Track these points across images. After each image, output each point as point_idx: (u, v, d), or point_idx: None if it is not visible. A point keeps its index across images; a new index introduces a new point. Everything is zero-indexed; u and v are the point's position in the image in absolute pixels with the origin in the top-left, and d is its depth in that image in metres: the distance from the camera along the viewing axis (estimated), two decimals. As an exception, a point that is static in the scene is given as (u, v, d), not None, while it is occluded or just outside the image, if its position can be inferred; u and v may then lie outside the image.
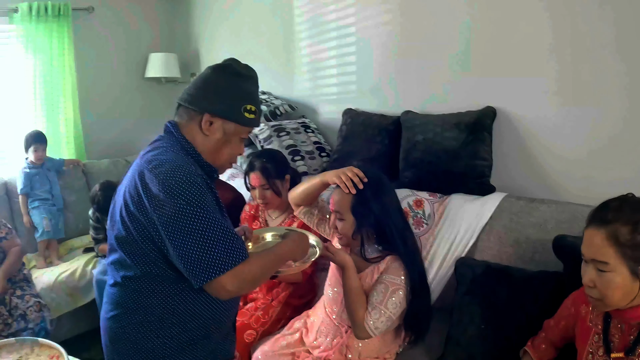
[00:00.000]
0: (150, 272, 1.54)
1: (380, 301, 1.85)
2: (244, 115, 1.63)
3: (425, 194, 2.63)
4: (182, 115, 1.67)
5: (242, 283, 1.49)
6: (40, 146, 3.84)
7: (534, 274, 1.98)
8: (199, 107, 1.62)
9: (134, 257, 1.55)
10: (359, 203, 1.90)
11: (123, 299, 1.61)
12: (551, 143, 2.47)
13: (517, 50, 2.52)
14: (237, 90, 1.64)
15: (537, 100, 2.48)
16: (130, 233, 1.53)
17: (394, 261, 1.92)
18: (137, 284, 1.57)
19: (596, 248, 1.37)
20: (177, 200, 1.44)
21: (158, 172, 1.48)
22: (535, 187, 2.53)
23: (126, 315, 1.60)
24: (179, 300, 1.57)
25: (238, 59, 1.72)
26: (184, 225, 1.43)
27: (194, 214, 1.44)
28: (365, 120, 3.11)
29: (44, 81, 4.24)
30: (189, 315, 1.59)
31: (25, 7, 4.06)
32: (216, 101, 1.62)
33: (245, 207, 2.95)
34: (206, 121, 1.61)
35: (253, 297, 2.75)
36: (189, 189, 1.45)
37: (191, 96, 1.65)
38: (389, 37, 3.13)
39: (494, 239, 2.32)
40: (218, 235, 1.45)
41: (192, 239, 1.43)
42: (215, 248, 1.44)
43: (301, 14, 3.71)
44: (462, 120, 2.59)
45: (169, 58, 4.80)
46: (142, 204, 1.49)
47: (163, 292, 1.56)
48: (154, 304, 1.56)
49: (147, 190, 1.48)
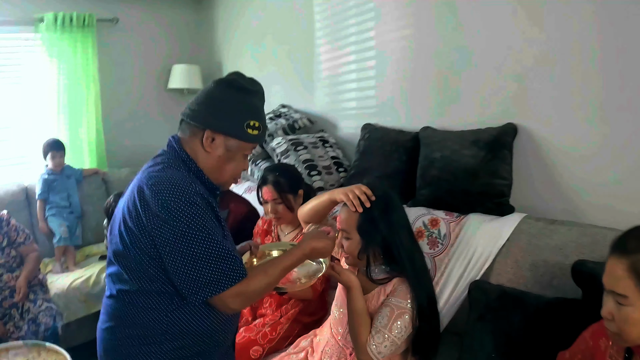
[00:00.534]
0: (146, 288, 1.53)
1: (384, 325, 1.77)
2: (247, 132, 1.60)
3: (441, 213, 2.55)
4: (185, 131, 1.64)
5: (245, 300, 1.53)
6: (57, 153, 3.90)
7: (551, 301, 1.88)
8: (201, 122, 1.60)
9: (131, 272, 1.54)
10: (366, 222, 1.83)
11: (118, 311, 1.59)
12: (574, 162, 2.36)
13: (539, 64, 2.42)
14: (240, 105, 1.61)
15: (561, 118, 2.38)
16: (128, 248, 1.51)
17: (401, 283, 1.84)
18: (133, 298, 1.55)
19: (616, 279, 1.27)
20: (175, 220, 1.43)
21: (157, 190, 1.47)
22: (557, 208, 2.41)
23: (121, 328, 1.58)
24: (176, 317, 1.54)
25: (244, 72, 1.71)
26: (181, 245, 1.43)
27: (191, 234, 1.44)
28: (383, 135, 3.04)
29: (68, 90, 4.31)
30: (185, 331, 1.56)
31: (50, 17, 4.14)
32: (218, 117, 1.59)
33: (258, 222, 2.91)
34: (207, 137, 1.59)
35: (262, 313, 2.71)
36: (187, 209, 1.44)
37: (193, 111, 1.62)
38: (408, 51, 3.06)
39: (511, 262, 2.21)
40: (215, 255, 1.45)
41: (189, 258, 1.43)
42: (211, 268, 1.44)
43: (322, 27, 3.69)
44: (481, 137, 2.50)
45: (192, 70, 4.83)
46: (140, 220, 1.48)
47: (159, 308, 1.53)
48: (150, 319, 1.54)
49: (145, 208, 1.47)
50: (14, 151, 4.33)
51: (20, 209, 3.92)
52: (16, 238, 3.15)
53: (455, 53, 2.78)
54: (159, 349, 1.54)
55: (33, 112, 4.30)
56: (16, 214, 3.76)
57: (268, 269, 1.60)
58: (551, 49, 2.37)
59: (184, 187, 1.47)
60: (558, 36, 2.34)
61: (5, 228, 3.09)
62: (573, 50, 2.29)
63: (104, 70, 4.54)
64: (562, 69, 2.34)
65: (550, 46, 2.37)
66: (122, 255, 1.54)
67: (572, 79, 2.31)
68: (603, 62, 2.20)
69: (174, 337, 1.55)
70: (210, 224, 1.48)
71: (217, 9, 4.88)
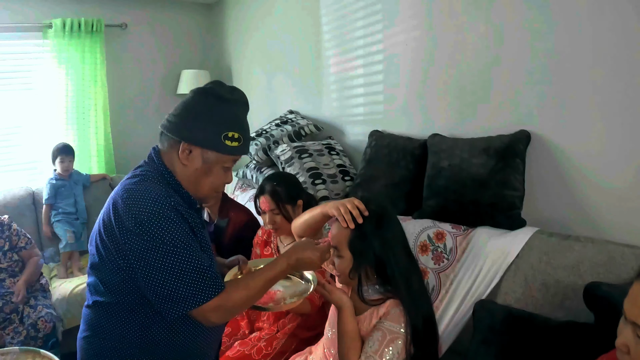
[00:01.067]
0: (121, 301, 1.50)
1: (375, 350, 1.63)
2: (225, 144, 1.53)
3: (447, 225, 2.41)
4: (164, 143, 1.60)
5: (225, 313, 1.48)
6: (67, 157, 3.89)
7: (560, 325, 1.73)
8: (176, 134, 1.54)
9: (106, 285, 1.50)
10: (357, 238, 1.70)
11: (95, 322, 1.56)
12: (592, 173, 2.20)
13: (554, 68, 2.28)
14: (217, 116, 1.54)
15: (577, 125, 2.23)
16: (103, 260, 1.49)
17: (395, 306, 1.70)
18: (108, 310, 1.53)
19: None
20: (147, 234, 1.40)
21: (130, 204, 1.43)
22: (571, 222, 2.26)
23: (97, 340, 1.55)
24: (152, 332, 1.50)
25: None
26: (154, 259, 1.40)
27: (164, 249, 1.40)
28: (390, 142, 2.91)
29: (76, 95, 4.32)
30: (163, 345, 1.52)
31: (59, 23, 4.16)
32: (194, 128, 1.52)
33: (258, 232, 2.82)
34: (184, 150, 1.53)
35: (259, 326, 2.62)
36: (160, 223, 1.41)
37: (170, 122, 1.57)
38: (416, 57, 2.94)
39: (520, 280, 2.07)
40: (189, 269, 1.41)
41: (163, 273, 1.40)
42: (186, 283, 1.40)
43: (329, 31, 3.61)
44: (491, 145, 2.36)
45: (201, 75, 4.80)
46: (113, 234, 1.45)
47: (134, 322, 1.50)
48: (126, 332, 1.51)
49: (118, 221, 1.44)
50: (23, 156, 4.35)
51: (27, 213, 3.94)
52: (17, 242, 3.18)
53: (465, 57, 2.66)
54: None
55: (42, 117, 4.32)
56: (23, 218, 3.82)
57: (249, 281, 1.54)
58: (567, 54, 2.23)
59: (158, 201, 1.43)
60: (573, 41, 2.20)
61: (7, 232, 3.13)
62: (591, 55, 2.15)
63: (113, 75, 4.55)
64: (579, 74, 2.19)
65: (566, 51, 2.23)
66: (97, 267, 1.51)
67: (589, 84, 2.17)
68: (623, 67, 2.05)
69: (150, 352, 1.51)
70: (185, 238, 1.44)
71: (227, 14, 4.86)
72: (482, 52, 2.57)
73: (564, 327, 1.73)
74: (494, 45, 2.51)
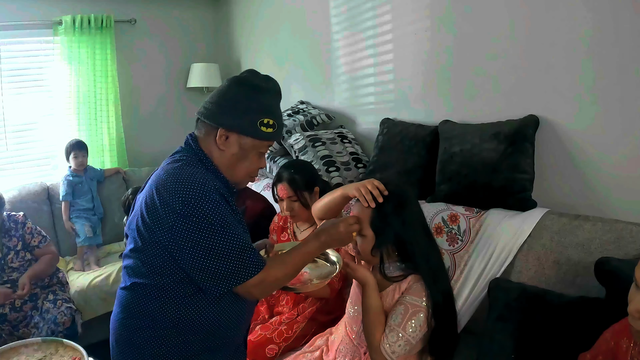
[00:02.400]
0: (159, 282, 1.55)
1: (398, 323, 1.71)
2: (261, 130, 1.60)
3: (461, 208, 2.48)
4: (200, 129, 1.66)
5: (265, 288, 1.59)
6: (80, 152, 3.93)
7: (573, 300, 1.80)
8: (214, 121, 1.60)
9: (147, 266, 1.55)
10: (378, 218, 1.77)
11: (130, 303, 1.60)
12: (600, 155, 2.27)
13: (562, 53, 2.34)
14: (253, 103, 1.60)
15: (585, 109, 2.29)
16: (145, 242, 1.53)
17: (416, 281, 1.78)
18: (146, 291, 1.57)
19: None
20: (195, 215, 1.45)
21: (176, 187, 1.48)
22: (581, 203, 2.33)
23: (131, 320, 1.60)
24: (186, 311, 1.56)
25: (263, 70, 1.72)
26: (202, 239, 1.46)
27: (212, 229, 1.46)
28: (402, 130, 2.97)
29: (87, 91, 4.35)
30: (194, 326, 1.57)
31: (68, 20, 4.18)
32: (231, 115, 1.59)
33: (274, 218, 2.88)
34: (221, 136, 1.59)
35: (279, 311, 2.68)
36: (207, 205, 1.46)
37: (207, 109, 1.63)
38: (425, 44, 2.99)
39: (532, 259, 2.14)
40: (236, 248, 1.48)
41: (211, 252, 1.46)
42: (233, 260, 1.47)
43: (338, 22, 3.64)
44: (501, 130, 2.42)
45: (211, 68, 4.83)
46: (158, 216, 1.49)
47: (170, 302, 1.55)
48: (160, 311, 1.56)
49: (164, 204, 1.48)
50: (36, 152, 4.40)
51: (43, 208, 3.97)
52: (31, 240, 3.12)
53: (474, 44, 2.71)
54: (167, 343, 1.56)
55: (54, 113, 4.36)
56: (38, 213, 3.86)
57: (286, 258, 1.63)
58: (574, 37, 2.28)
59: (203, 183, 1.49)
60: (581, 23, 2.25)
61: (20, 231, 3.08)
62: (599, 38, 2.20)
63: (123, 70, 4.58)
64: (586, 57, 2.25)
65: (574, 34, 2.28)
66: (139, 249, 1.55)
67: (597, 68, 2.22)
68: (632, 50, 2.10)
69: (183, 332, 1.56)
70: (229, 219, 1.50)
71: (235, 7, 4.87)
72: (490, 38, 2.62)
73: (576, 302, 1.79)
74: (503, 32, 2.56)
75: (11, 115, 4.20)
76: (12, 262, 3.02)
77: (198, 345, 1.58)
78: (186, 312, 1.55)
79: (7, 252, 3.01)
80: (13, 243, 3.04)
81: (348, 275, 1.86)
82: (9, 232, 3.04)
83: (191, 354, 1.58)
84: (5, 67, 4.15)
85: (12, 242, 3.04)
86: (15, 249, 3.04)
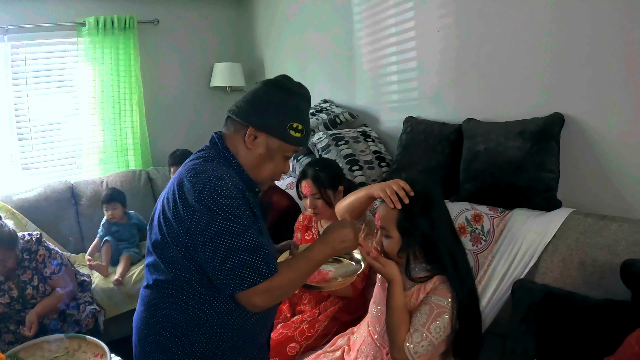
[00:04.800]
0: (181, 278, 1.55)
1: (423, 323, 1.70)
2: (290, 133, 1.60)
3: (485, 208, 2.46)
4: (229, 127, 1.67)
5: (270, 297, 1.50)
6: (110, 205, 3.82)
7: (597, 303, 1.77)
8: (245, 119, 1.61)
9: (167, 262, 1.55)
10: (405, 219, 1.75)
11: (153, 301, 1.61)
12: (627, 154, 2.23)
13: (589, 50, 2.30)
14: (284, 106, 1.61)
15: (612, 106, 2.25)
16: (165, 238, 1.53)
17: (442, 282, 1.76)
18: (168, 289, 1.57)
19: None
20: (210, 210, 1.44)
21: (195, 182, 1.48)
22: (607, 203, 2.29)
23: (154, 318, 1.60)
24: (208, 310, 1.55)
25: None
26: (215, 235, 1.43)
27: (225, 225, 1.44)
28: (425, 128, 2.95)
29: (112, 91, 4.40)
30: (218, 325, 1.57)
31: (92, 21, 4.23)
32: (262, 115, 1.59)
33: (299, 217, 2.89)
34: (250, 134, 1.60)
35: (301, 309, 2.69)
36: (223, 201, 1.45)
37: (239, 108, 1.64)
38: (449, 41, 2.97)
39: (557, 260, 2.11)
40: (248, 248, 1.44)
41: (223, 249, 1.43)
42: (242, 261, 1.43)
43: (360, 20, 3.63)
44: (527, 128, 2.39)
45: (234, 67, 4.85)
46: (177, 211, 1.49)
47: (192, 300, 1.55)
48: (183, 309, 1.56)
49: (183, 199, 1.48)
50: (61, 152, 4.47)
51: (67, 206, 4.00)
52: (43, 271, 2.88)
53: (498, 41, 2.68)
54: (190, 341, 1.56)
55: (78, 114, 4.42)
56: (63, 212, 3.91)
57: (292, 263, 1.59)
58: (602, 35, 2.24)
59: (222, 179, 1.48)
60: (610, 20, 2.21)
61: (33, 262, 2.86)
62: (629, 36, 2.16)
63: (147, 71, 4.61)
64: (614, 54, 2.21)
65: (601, 31, 2.24)
66: (159, 245, 1.56)
67: (624, 65, 2.18)
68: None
69: (205, 331, 1.56)
70: (246, 218, 1.48)
71: (257, 6, 4.88)
72: (514, 36, 2.59)
73: (601, 305, 1.76)
74: (526, 30, 2.53)
75: (36, 115, 4.28)
76: (32, 299, 2.84)
77: (222, 344, 1.58)
78: (207, 311, 1.55)
79: (25, 287, 2.83)
80: (28, 276, 2.83)
81: (376, 270, 1.81)
82: (22, 264, 2.82)
83: (214, 353, 1.58)
84: (31, 69, 4.23)
85: (26, 275, 2.83)
86: (32, 284, 2.84)
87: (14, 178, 4.20)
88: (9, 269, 2.76)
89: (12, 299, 2.78)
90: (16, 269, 2.80)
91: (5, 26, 4.00)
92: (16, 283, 2.81)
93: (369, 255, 1.82)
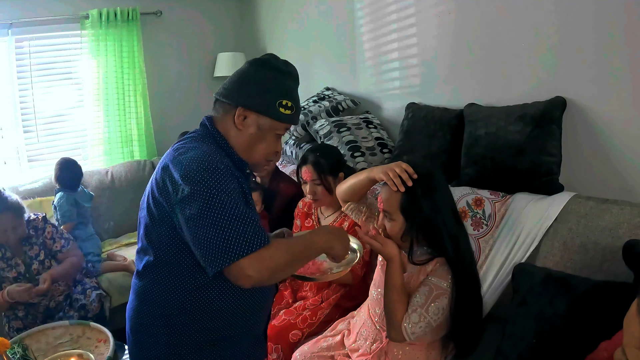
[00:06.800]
0: (169, 260, 1.52)
1: (422, 304, 1.69)
2: (279, 111, 1.59)
3: (486, 192, 2.44)
4: (218, 110, 1.65)
5: (263, 269, 1.38)
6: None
7: (597, 284, 1.74)
8: (233, 100, 1.60)
9: (155, 243, 1.53)
10: (409, 202, 1.73)
11: (144, 289, 1.59)
12: (628, 138, 2.21)
13: (591, 33, 2.26)
14: (273, 85, 1.60)
15: (613, 90, 2.22)
16: (154, 219, 1.52)
17: (442, 264, 1.75)
18: (157, 275, 1.55)
19: None
20: (197, 183, 1.40)
21: (182, 158, 1.47)
22: (609, 187, 2.27)
23: (145, 307, 1.59)
24: (199, 296, 1.52)
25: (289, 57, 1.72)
26: (200, 209, 1.38)
27: (211, 198, 1.38)
28: (427, 114, 2.93)
29: (115, 83, 4.41)
30: (210, 312, 1.54)
31: (95, 14, 4.23)
32: (250, 95, 1.58)
33: (299, 204, 2.88)
34: (239, 115, 1.58)
35: (302, 295, 2.69)
36: (210, 175, 1.41)
37: (226, 90, 1.63)
38: (450, 26, 2.94)
39: (558, 243, 2.09)
40: (236, 220, 1.37)
41: (208, 222, 1.37)
42: (231, 233, 1.36)
43: (362, 7, 3.61)
44: (527, 112, 2.37)
45: (237, 57, 4.84)
46: (165, 189, 1.48)
47: (182, 286, 1.52)
48: (173, 295, 1.53)
49: (170, 176, 1.46)
50: (66, 143, 4.50)
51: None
52: (52, 246, 2.96)
53: (499, 25, 2.65)
54: (182, 331, 1.54)
55: (83, 106, 4.45)
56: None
57: (291, 241, 1.59)
58: (605, 17, 2.21)
59: (208, 154, 1.46)
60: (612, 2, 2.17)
61: (40, 238, 2.93)
62: (631, 18, 2.12)
63: (150, 62, 4.61)
64: (615, 37, 2.18)
65: (603, 14, 2.21)
66: (150, 228, 1.54)
67: (626, 48, 2.15)
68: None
69: (197, 319, 1.53)
70: (234, 191, 1.43)
71: (260, -5, 4.87)
72: (515, 20, 2.56)
73: (601, 286, 1.73)
74: (527, 14, 2.50)
75: (41, 108, 4.30)
76: (38, 274, 2.88)
77: (213, 333, 1.55)
78: (199, 297, 1.51)
79: (31, 262, 2.89)
80: (35, 252, 2.90)
81: (375, 249, 1.77)
82: (29, 240, 2.90)
83: (206, 342, 1.55)
84: (35, 62, 4.24)
85: (33, 251, 2.90)
86: (38, 259, 2.90)
87: (20, 170, 4.22)
88: (19, 237, 2.83)
89: (19, 274, 2.84)
90: (22, 246, 2.87)
91: (9, 20, 4.00)
92: (23, 259, 2.87)
93: (367, 234, 1.80)
